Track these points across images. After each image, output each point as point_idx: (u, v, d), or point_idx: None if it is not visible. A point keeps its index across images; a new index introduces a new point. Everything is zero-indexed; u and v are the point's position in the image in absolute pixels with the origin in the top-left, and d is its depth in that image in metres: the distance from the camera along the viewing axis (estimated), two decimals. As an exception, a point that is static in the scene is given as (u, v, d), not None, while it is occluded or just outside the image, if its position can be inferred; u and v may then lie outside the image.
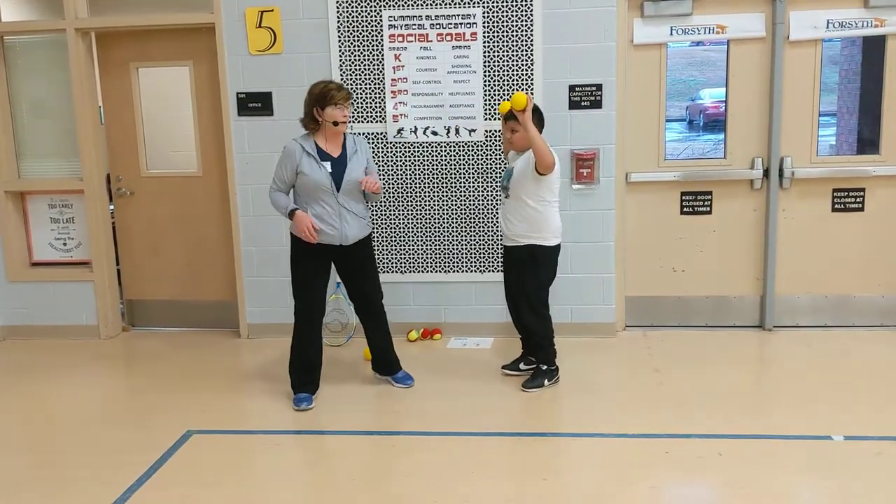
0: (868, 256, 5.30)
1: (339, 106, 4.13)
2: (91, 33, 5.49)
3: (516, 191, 4.34)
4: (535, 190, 4.28)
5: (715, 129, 18.88)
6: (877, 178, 5.20)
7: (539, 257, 4.38)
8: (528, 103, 4.11)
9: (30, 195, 5.73)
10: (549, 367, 4.51)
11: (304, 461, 3.72)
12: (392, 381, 4.58)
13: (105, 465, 3.70)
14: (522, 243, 4.38)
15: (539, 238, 4.35)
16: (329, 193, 4.17)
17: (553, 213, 4.36)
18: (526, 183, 4.29)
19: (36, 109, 5.66)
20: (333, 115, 4.14)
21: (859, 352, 4.94)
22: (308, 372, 4.36)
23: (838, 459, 3.53)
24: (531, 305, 4.46)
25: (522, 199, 4.32)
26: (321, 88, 4.14)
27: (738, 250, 5.36)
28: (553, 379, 4.51)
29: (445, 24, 5.12)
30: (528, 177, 4.27)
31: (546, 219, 4.33)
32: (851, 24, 5.05)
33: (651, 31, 5.15)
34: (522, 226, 4.35)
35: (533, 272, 4.41)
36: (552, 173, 4.24)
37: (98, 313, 5.68)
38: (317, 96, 4.14)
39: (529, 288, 4.44)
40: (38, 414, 4.40)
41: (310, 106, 4.17)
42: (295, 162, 4.15)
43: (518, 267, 4.45)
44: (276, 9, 5.19)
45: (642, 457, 3.61)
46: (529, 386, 4.47)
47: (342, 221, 4.20)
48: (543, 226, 4.33)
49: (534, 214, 4.31)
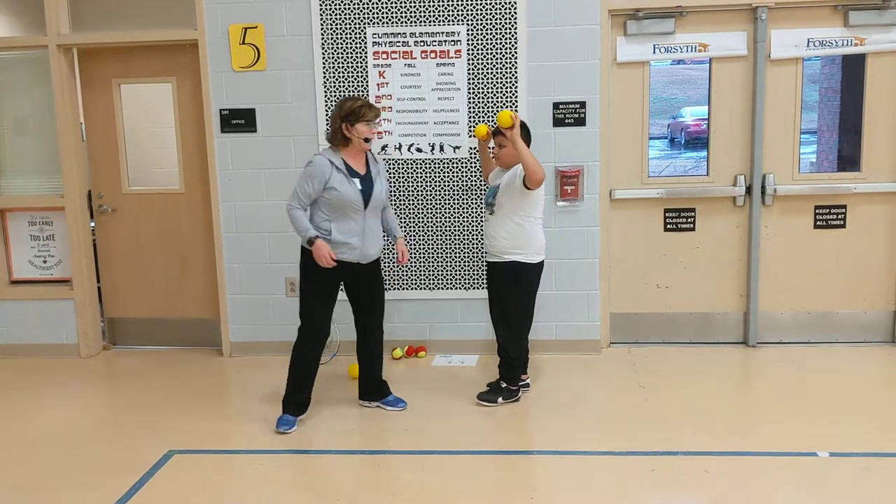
0: (850, 272, 5.33)
1: (370, 123, 4.11)
2: (73, 49, 5.46)
3: (502, 206, 4.34)
4: (521, 205, 4.28)
5: (696, 146, 19.02)
6: (858, 195, 5.24)
7: (522, 274, 4.37)
8: (513, 120, 4.10)
9: (10, 212, 5.67)
10: (508, 386, 4.50)
11: (287, 481, 3.67)
12: (383, 405, 4.51)
13: (85, 485, 3.64)
14: (506, 259, 4.37)
15: (523, 255, 4.34)
16: (358, 211, 4.12)
17: (537, 229, 4.36)
18: (512, 198, 4.29)
19: (17, 126, 5.61)
20: (364, 132, 4.10)
21: (843, 368, 4.96)
22: (303, 393, 4.29)
23: (825, 475, 3.53)
24: (508, 322, 4.45)
25: (508, 215, 4.32)
26: (352, 105, 4.09)
27: (722, 267, 5.38)
28: (510, 398, 4.49)
29: (430, 41, 5.13)
30: (515, 192, 4.26)
31: (530, 235, 4.33)
32: (832, 43, 5.10)
33: (634, 49, 5.18)
34: (507, 241, 4.34)
35: (514, 290, 4.40)
36: (538, 189, 4.25)
37: (78, 331, 5.61)
38: (347, 112, 4.07)
39: (508, 306, 4.44)
40: (18, 434, 4.32)
41: (339, 121, 4.09)
42: (325, 177, 4.04)
43: (498, 282, 4.45)
44: (260, 25, 5.18)
45: (628, 474, 3.59)
46: (483, 398, 4.48)
47: (364, 240, 4.17)
48: (527, 242, 4.33)
49: (518, 230, 4.31)
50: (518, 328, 4.47)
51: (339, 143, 4.14)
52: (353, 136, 4.09)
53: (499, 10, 5.05)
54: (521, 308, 4.45)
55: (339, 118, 4.09)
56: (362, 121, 4.07)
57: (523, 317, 4.48)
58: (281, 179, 5.30)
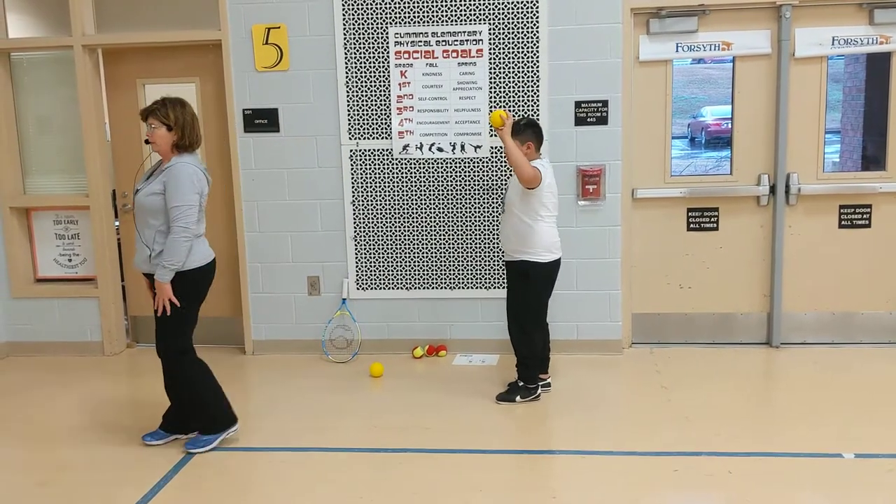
0: (875, 273, 5.28)
1: (146, 124, 3.84)
2: (98, 50, 5.51)
3: (510, 205, 4.38)
4: (526, 204, 4.29)
5: (717, 146, 18.88)
6: (883, 195, 5.19)
7: (531, 273, 4.36)
8: (503, 120, 4.15)
9: (35, 211, 5.73)
10: (526, 385, 4.49)
11: (308, 479, 3.68)
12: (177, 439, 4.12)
13: (108, 482, 3.68)
14: (515, 258, 4.39)
15: (531, 254, 4.33)
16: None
17: (546, 228, 4.34)
18: (519, 197, 4.32)
19: (42, 125, 5.67)
20: (145, 134, 3.89)
21: (867, 369, 4.91)
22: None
23: (850, 477, 3.50)
24: (519, 322, 4.46)
25: (515, 214, 4.34)
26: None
27: (745, 267, 5.34)
28: (528, 397, 4.48)
29: (451, 40, 5.13)
30: (520, 191, 4.28)
31: (537, 234, 4.31)
32: (857, 41, 5.06)
33: (657, 47, 5.16)
34: (514, 240, 4.37)
35: (523, 289, 4.41)
36: (541, 187, 4.23)
37: (102, 330, 5.66)
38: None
39: (519, 306, 4.44)
40: (42, 431, 4.37)
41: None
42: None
43: (511, 280, 4.49)
44: (283, 26, 5.20)
45: (651, 475, 3.58)
46: (502, 398, 4.49)
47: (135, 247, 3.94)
48: (534, 241, 4.31)
49: (525, 229, 4.31)
50: (528, 327, 4.46)
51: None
52: None
53: (521, 9, 5.05)
54: (530, 307, 4.44)
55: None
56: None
57: (533, 316, 4.47)
58: (304, 179, 5.33)
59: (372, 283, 5.42)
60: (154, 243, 3.80)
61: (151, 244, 3.81)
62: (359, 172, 5.31)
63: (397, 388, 4.81)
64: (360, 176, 5.31)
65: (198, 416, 4.03)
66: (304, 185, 5.35)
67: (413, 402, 4.56)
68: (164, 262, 3.74)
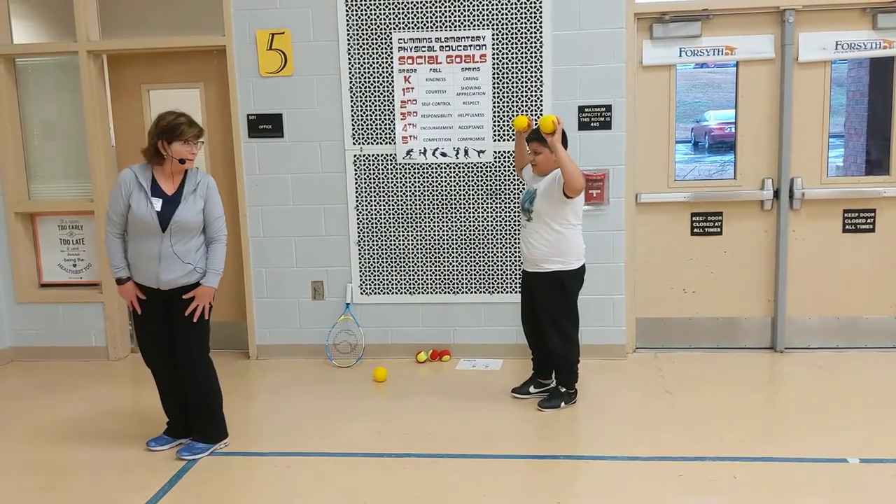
0: (879, 277, 5.27)
1: (188, 143, 3.77)
2: (102, 55, 5.53)
3: (540, 214, 4.29)
4: (562, 213, 4.24)
5: (720, 150, 18.86)
6: (888, 199, 5.18)
7: (567, 282, 4.34)
8: (556, 126, 4.06)
9: (40, 216, 5.74)
10: (567, 390, 4.48)
11: (312, 484, 3.68)
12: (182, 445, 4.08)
13: (114, 486, 3.68)
14: (546, 269, 4.33)
15: (564, 263, 4.30)
16: (154, 234, 3.78)
17: (576, 235, 4.32)
18: (551, 205, 4.25)
19: (47, 131, 5.69)
20: (180, 153, 3.77)
21: (871, 374, 4.90)
22: (168, 417, 4.14)
23: (855, 482, 3.49)
24: (558, 330, 4.40)
25: (546, 222, 4.27)
26: (172, 121, 3.75)
27: (749, 271, 5.34)
28: (570, 401, 4.48)
29: (455, 46, 5.14)
30: (555, 199, 4.22)
31: (570, 242, 4.29)
32: (860, 46, 5.06)
33: (660, 52, 5.17)
34: (546, 250, 4.30)
35: (560, 298, 4.36)
36: (579, 195, 4.21)
37: (107, 335, 5.67)
38: (165, 128, 3.74)
39: (556, 314, 4.39)
40: (47, 435, 4.37)
41: (155, 137, 3.76)
42: (128, 190, 3.77)
43: (542, 293, 4.40)
44: (287, 31, 5.22)
45: (655, 480, 3.58)
46: (546, 406, 4.44)
47: (161, 263, 3.78)
48: (568, 249, 4.29)
49: (558, 238, 4.27)
50: (572, 334, 4.44)
51: (152, 160, 3.82)
52: (168, 154, 3.77)
53: (524, 14, 5.06)
54: (570, 314, 4.43)
55: (156, 133, 3.76)
56: (180, 139, 3.74)
57: (573, 321, 4.45)
58: (308, 184, 5.34)
59: (376, 287, 5.42)
60: (194, 256, 3.85)
61: (193, 258, 3.84)
62: (362, 177, 5.32)
63: (401, 393, 4.81)
64: (364, 181, 5.32)
65: (207, 422, 4.03)
66: (308, 190, 5.36)
67: (417, 407, 4.56)
68: (216, 269, 3.90)
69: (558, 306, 4.38)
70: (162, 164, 3.83)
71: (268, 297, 5.52)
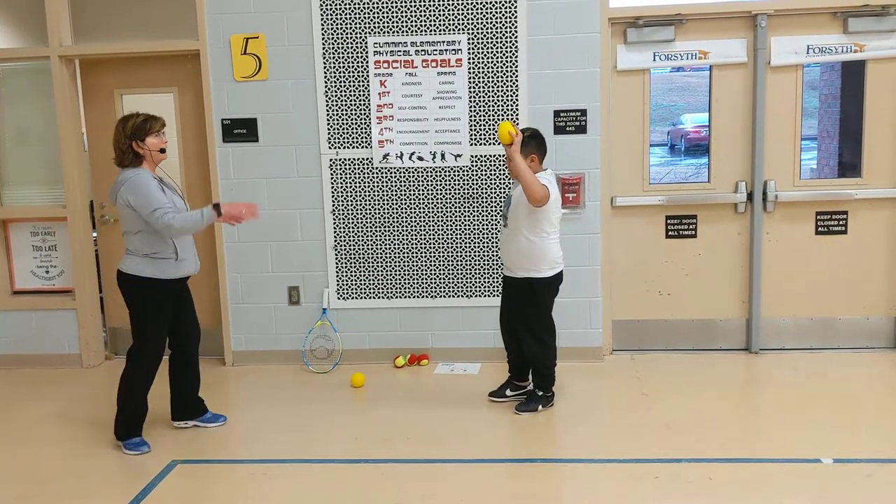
0: (852, 279, 5.33)
1: (158, 134, 4.01)
2: (75, 60, 5.48)
3: (514, 221, 4.30)
4: (532, 221, 4.23)
5: (696, 153, 19.03)
6: (859, 201, 5.24)
7: (538, 290, 4.34)
8: (513, 138, 4.03)
9: (12, 223, 5.68)
10: (544, 393, 4.48)
11: (291, 491, 3.66)
12: (201, 423, 4.43)
13: (89, 494, 3.65)
14: (520, 276, 4.35)
15: (535, 271, 4.30)
16: None
17: (551, 244, 4.30)
18: (523, 214, 4.25)
19: (19, 136, 5.62)
20: (157, 144, 4.01)
21: (845, 374, 4.96)
22: (144, 416, 4.22)
23: (829, 482, 3.53)
24: (534, 335, 4.41)
25: (520, 230, 4.28)
26: (136, 122, 3.97)
27: (724, 273, 5.38)
28: (548, 405, 4.49)
29: (430, 50, 5.15)
30: (524, 207, 4.22)
31: (542, 251, 4.28)
32: (832, 50, 5.12)
33: (634, 56, 5.20)
34: (518, 258, 4.31)
35: (532, 305, 4.37)
36: (549, 204, 4.18)
37: (81, 342, 5.61)
38: (133, 130, 3.95)
39: (531, 321, 4.40)
40: (21, 444, 4.32)
41: (127, 141, 3.96)
42: (158, 185, 4.00)
43: (518, 298, 4.41)
44: (262, 35, 5.20)
45: (632, 482, 3.59)
46: (523, 409, 4.45)
47: (193, 251, 4.22)
48: (539, 259, 4.29)
49: (530, 247, 4.27)
50: (547, 340, 4.44)
51: (132, 163, 4.00)
52: (146, 150, 3.99)
53: (499, 18, 5.07)
54: (543, 321, 4.43)
55: (127, 137, 3.96)
56: (150, 134, 3.97)
57: (548, 328, 4.45)
58: (283, 189, 5.32)
59: (353, 292, 5.41)
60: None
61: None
62: (339, 182, 5.31)
63: (379, 398, 4.80)
64: (341, 185, 5.31)
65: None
66: (284, 194, 5.34)
67: (395, 412, 4.55)
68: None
69: (533, 314, 4.39)
70: (142, 164, 4.02)
71: (243, 302, 5.48)
